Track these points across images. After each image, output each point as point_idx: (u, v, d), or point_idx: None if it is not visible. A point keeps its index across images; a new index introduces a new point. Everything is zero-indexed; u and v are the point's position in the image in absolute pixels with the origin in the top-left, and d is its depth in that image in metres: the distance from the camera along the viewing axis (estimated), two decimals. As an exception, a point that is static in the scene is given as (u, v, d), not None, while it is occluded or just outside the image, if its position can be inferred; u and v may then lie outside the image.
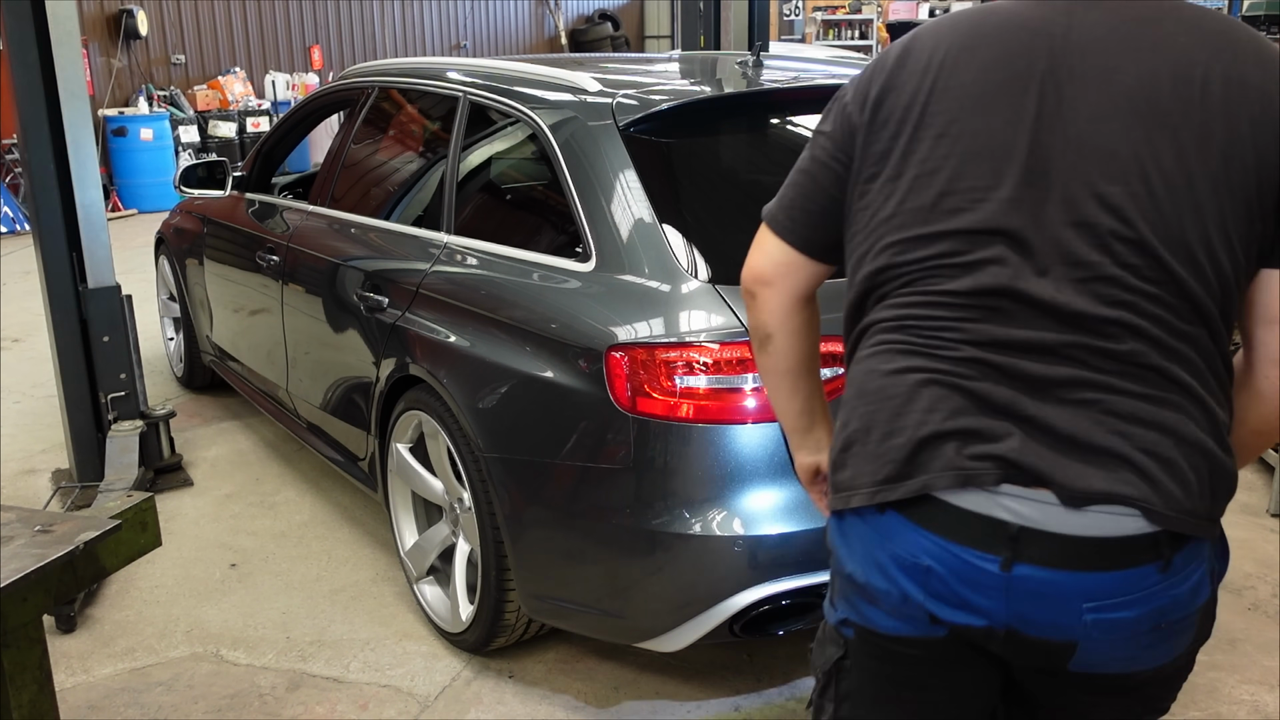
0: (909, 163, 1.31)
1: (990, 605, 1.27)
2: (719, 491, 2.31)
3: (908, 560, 1.30)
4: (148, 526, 1.85)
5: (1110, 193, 1.23)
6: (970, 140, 1.27)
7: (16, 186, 9.97)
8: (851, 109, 1.38)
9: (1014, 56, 1.27)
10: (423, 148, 3.56)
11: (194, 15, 12.32)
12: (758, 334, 1.56)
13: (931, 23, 1.38)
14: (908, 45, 1.36)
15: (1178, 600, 1.29)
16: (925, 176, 1.30)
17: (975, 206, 1.27)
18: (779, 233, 1.49)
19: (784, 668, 2.88)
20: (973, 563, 1.26)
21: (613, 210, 2.51)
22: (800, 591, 2.33)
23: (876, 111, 1.34)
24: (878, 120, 1.34)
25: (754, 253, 1.53)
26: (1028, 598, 1.26)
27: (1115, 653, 1.30)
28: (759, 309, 1.52)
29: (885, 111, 1.33)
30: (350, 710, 2.75)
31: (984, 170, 1.26)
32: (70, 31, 3.67)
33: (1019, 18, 1.30)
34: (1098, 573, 1.25)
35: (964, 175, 1.27)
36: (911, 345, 1.32)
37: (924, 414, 1.29)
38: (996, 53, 1.28)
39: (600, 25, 16.21)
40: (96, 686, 2.88)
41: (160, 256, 5.29)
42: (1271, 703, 2.76)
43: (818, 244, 1.47)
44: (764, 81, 3.00)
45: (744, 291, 1.55)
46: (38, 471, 4.33)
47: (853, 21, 15.77)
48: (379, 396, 3.10)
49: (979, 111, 1.27)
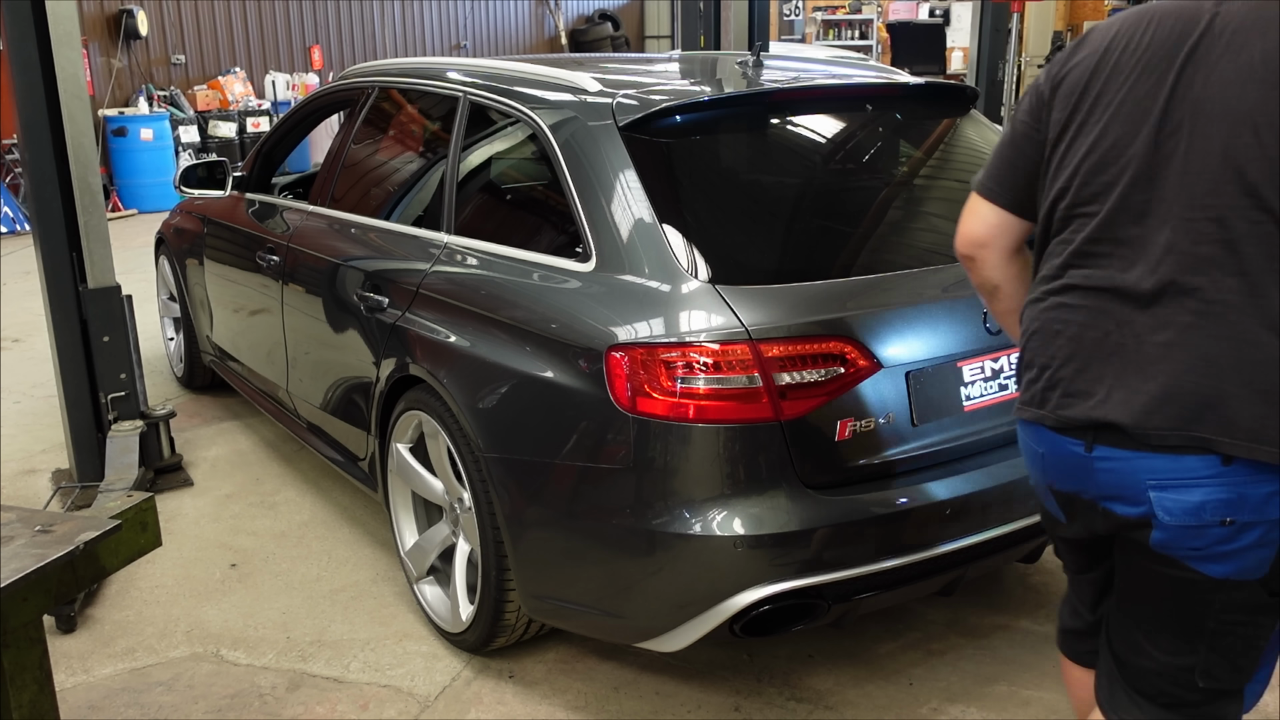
0: (1081, 129, 1.61)
1: (1080, 482, 1.63)
2: (719, 491, 2.31)
3: (1031, 449, 1.72)
4: (148, 526, 1.85)
5: (1229, 145, 1.47)
6: (1118, 107, 1.56)
7: (17, 186, 9.97)
8: (1043, 88, 1.69)
9: (1165, 41, 1.54)
10: (423, 148, 3.56)
11: (194, 15, 12.32)
12: (985, 288, 1.85)
13: (1106, 20, 1.70)
14: (1085, 35, 1.68)
15: (1246, 500, 1.50)
16: (1090, 138, 1.59)
17: (1115, 161, 1.56)
18: (990, 198, 1.76)
19: (784, 668, 2.88)
20: (1066, 448, 1.62)
21: (613, 210, 2.51)
22: (800, 591, 2.33)
23: (1058, 87, 1.66)
24: (1059, 94, 1.65)
25: (968, 219, 1.80)
26: (1104, 474, 1.59)
27: (1189, 542, 1.54)
28: (981, 268, 1.81)
29: (1065, 87, 1.65)
30: (350, 710, 2.75)
31: (1125, 131, 1.55)
32: (70, 31, 3.67)
33: (1175, 10, 1.56)
34: (1160, 454, 1.52)
35: (1107, 134, 1.58)
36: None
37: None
38: (1150, 37, 1.56)
39: (600, 25, 16.21)
40: (96, 686, 2.88)
41: (160, 256, 5.29)
42: (1272, 702, 2.76)
43: (1023, 203, 1.74)
44: (764, 81, 3.00)
45: (961, 257, 1.83)
46: (38, 471, 4.33)
47: (853, 21, 15.77)
48: (379, 396, 3.10)
49: (1131, 85, 1.56)
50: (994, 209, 1.75)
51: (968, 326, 2.51)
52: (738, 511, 2.30)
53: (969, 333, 2.51)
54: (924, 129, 3.08)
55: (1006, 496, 2.56)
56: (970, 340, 2.52)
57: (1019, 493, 2.58)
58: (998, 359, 2.58)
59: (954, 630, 3.05)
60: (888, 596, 2.57)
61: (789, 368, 2.28)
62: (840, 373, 2.32)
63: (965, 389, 2.53)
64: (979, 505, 2.51)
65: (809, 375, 2.29)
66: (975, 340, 2.52)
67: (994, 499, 2.54)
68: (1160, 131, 1.52)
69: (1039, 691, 2.79)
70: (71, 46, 3.67)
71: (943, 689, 2.80)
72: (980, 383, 2.56)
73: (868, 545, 2.39)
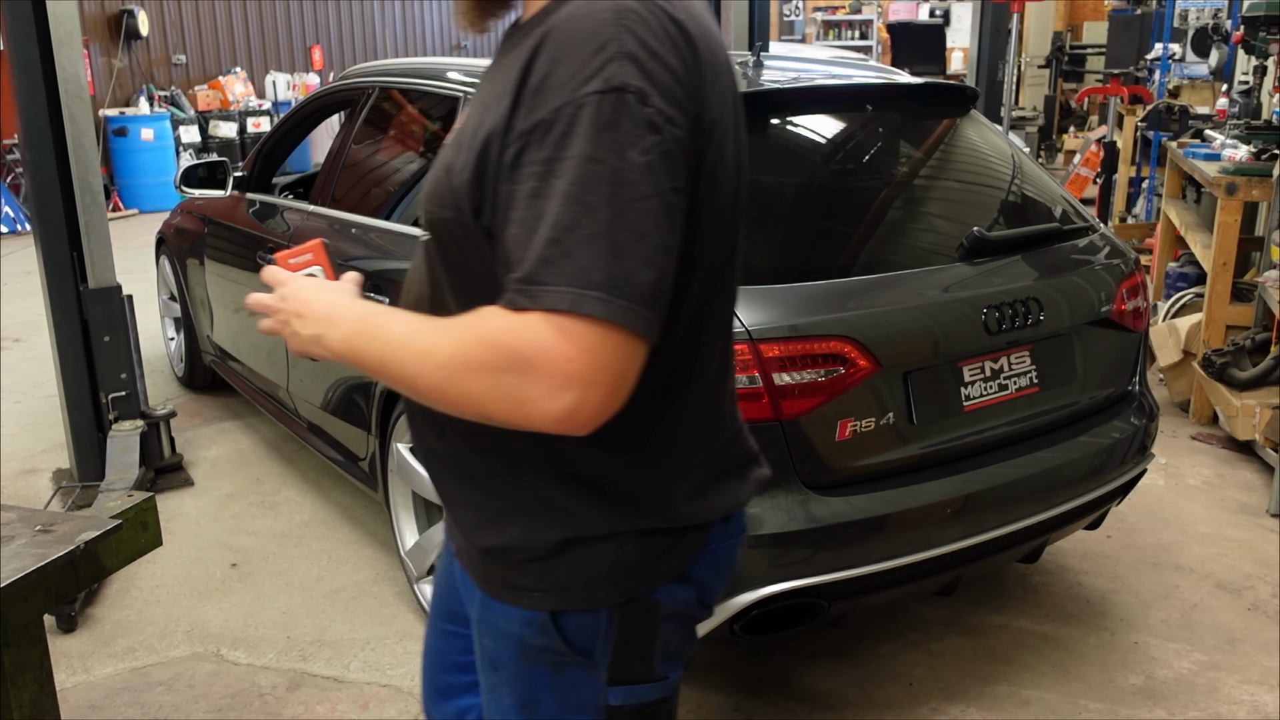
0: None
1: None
2: (719, 491, 2.30)
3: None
4: (148, 526, 1.85)
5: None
6: None
7: (17, 186, 9.97)
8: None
9: None
10: (423, 148, 3.56)
11: (195, 15, 12.32)
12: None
13: None
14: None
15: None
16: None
17: None
18: None
19: (784, 668, 2.88)
20: None
21: (613, 210, 2.50)
22: (800, 591, 2.33)
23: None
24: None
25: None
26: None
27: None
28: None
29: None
30: (350, 710, 2.75)
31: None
32: (71, 32, 3.67)
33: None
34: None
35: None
36: None
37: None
38: None
39: (601, 25, 16.19)
40: (97, 686, 2.88)
41: (161, 256, 5.29)
42: (1271, 703, 2.77)
43: None
44: (764, 81, 3.00)
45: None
46: (38, 471, 4.33)
47: (853, 22, 15.77)
48: (379, 396, 3.10)
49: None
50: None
51: (967, 326, 2.51)
52: (738, 511, 2.30)
53: (969, 333, 2.51)
54: (924, 129, 3.07)
55: (1006, 496, 2.56)
56: (970, 340, 2.52)
57: (1019, 493, 2.58)
58: (998, 359, 2.58)
59: (954, 630, 3.05)
60: (888, 596, 2.57)
61: (789, 368, 2.28)
62: (840, 373, 2.32)
63: (965, 389, 2.53)
64: (979, 505, 2.52)
65: (809, 375, 2.29)
66: (975, 340, 2.52)
67: (994, 499, 2.54)
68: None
69: (1039, 691, 2.79)
70: (72, 47, 3.67)
71: (943, 689, 2.80)
72: (980, 383, 2.56)
73: (868, 545, 2.39)
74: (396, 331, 1.15)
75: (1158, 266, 5.98)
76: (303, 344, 1.27)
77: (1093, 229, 2.98)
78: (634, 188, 1.03)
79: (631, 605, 1.28)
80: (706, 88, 1.13)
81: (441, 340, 1.10)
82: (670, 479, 1.26)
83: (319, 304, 1.25)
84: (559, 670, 1.30)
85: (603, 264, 1.02)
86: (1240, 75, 6.53)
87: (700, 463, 1.29)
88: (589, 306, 1.02)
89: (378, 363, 1.16)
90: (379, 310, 1.21)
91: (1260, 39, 5.31)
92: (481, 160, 1.13)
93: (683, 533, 1.28)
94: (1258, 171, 4.59)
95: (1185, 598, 3.25)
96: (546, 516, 1.25)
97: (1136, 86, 8.14)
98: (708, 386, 1.29)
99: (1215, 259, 4.59)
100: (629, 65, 1.05)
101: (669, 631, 1.33)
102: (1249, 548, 3.56)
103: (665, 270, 1.07)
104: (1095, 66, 12.54)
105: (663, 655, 1.34)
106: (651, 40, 1.07)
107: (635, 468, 1.24)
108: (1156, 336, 4.93)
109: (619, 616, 1.28)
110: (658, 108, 1.05)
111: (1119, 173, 7.73)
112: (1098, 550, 3.51)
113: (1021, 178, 3.01)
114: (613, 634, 1.28)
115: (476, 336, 1.07)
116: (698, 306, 1.21)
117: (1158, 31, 8.49)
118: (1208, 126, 6.16)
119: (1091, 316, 2.77)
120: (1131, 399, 2.94)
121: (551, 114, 1.05)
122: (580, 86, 1.04)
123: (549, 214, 1.04)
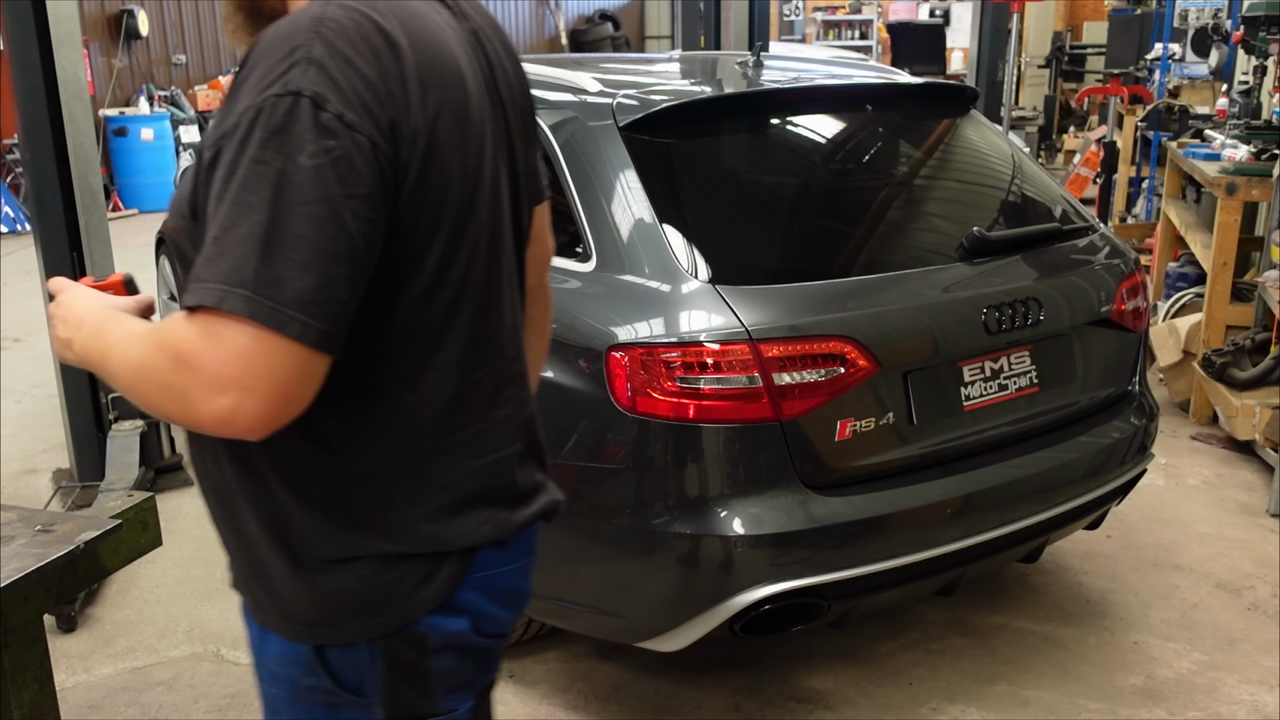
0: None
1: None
2: (719, 491, 2.31)
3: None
4: (148, 526, 1.85)
5: None
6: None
7: (17, 186, 9.96)
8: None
9: None
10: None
11: (195, 15, 12.32)
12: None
13: None
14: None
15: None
16: None
17: None
18: None
19: (784, 668, 2.88)
20: None
21: (613, 210, 2.51)
22: (800, 591, 2.33)
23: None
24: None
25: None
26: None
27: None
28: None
29: None
30: (350, 710, 2.75)
31: None
32: (71, 32, 3.67)
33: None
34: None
35: None
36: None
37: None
38: None
39: (600, 25, 16.21)
40: (97, 686, 2.88)
41: (161, 256, 5.28)
42: (1271, 703, 2.77)
43: None
44: (764, 81, 3.00)
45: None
46: (38, 471, 4.33)
47: (853, 22, 15.76)
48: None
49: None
50: None
51: (967, 326, 2.51)
52: (738, 511, 2.30)
53: (969, 333, 2.51)
54: (924, 129, 3.07)
55: (1006, 496, 2.56)
56: (970, 340, 2.52)
57: (1019, 493, 2.58)
58: (997, 359, 2.58)
59: (954, 630, 3.05)
60: (888, 596, 2.57)
61: (789, 368, 2.28)
62: (840, 373, 2.32)
63: (965, 389, 2.53)
64: (979, 505, 2.52)
65: (809, 375, 2.29)
66: (975, 340, 2.52)
67: (994, 499, 2.54)
68: None
69: (1039, 691, 2.79)
70: (72, 47, 3.67)
71: (943, 689, 2.80)
72: (980, 383, 2.56)
73: (868, 545, 2.39)
74: (114, 337, 1.18)
75: (1158, 266, 5.98)
76: (59, 347, 1.28)
77: (1093, 229, 2.98)
78: (298, 191, 1.03)
79: (395, 639, 1.24)
80: (410, 97, 1.11)
81: (136, 344, 1.12)
82: (410, 500, 1.23)
83: (75, 309, 1.26)
84: (334, 711, 1.28)
85: (254, 263, 1.02)
86: (1240, 75, 6.53)
87: (447, 485, 1.25)
88: (232, 303, 1.01)
89: (101, 366, 1.19)
90: (116, 317, 1.22)
91: (1260, 39, 5.31)
92: (196, 167, 1.15)
93: (439, 559, 1.24)
94: (1258, 171, 4.59)
95: (1185, 598, 3.25)
96: (285, 538, 1.23)
97: (1136, 86, 8.13)
98: (464, 406, 1.25)
99: (1215, 259, 4.59)
100: (311, 70, 1.05)
101: (446, 663, 1.29)
102: (1249, 548, 3.56)
103: (332, 277, 1.04)
104: (1095, 66, 12.54)
105: (444, 687, 1.30)
106: (345, 47, 1.07)
107: (365, 486, 1.22)
108: (1156, 336, 4.93)
109: (383, 652, 1.25)
110: (336, 113, 1.05)
111: (1119, 173, 7.73)
112: (1098, 550, 3.51)
113: (1021, 178, 3.01)
114: (378, 669, 1.25)
115: (156, 339, 1.09)
116: (435, 321, 1.19)
117: (1158, 31, 8.49)
118: (1208, 126, 6.15)
119: (1091, 316, 2.77)
120: (1131, 399, 2.94)
121: (237, 119, 1.06)
122: (262, 91, 1.05)
123: (219, 215, 1.05)
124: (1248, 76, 6.07)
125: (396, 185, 1.11)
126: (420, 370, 1.20)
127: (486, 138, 1.24)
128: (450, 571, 1.25)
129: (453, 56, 1.20)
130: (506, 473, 1.31)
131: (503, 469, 1.31)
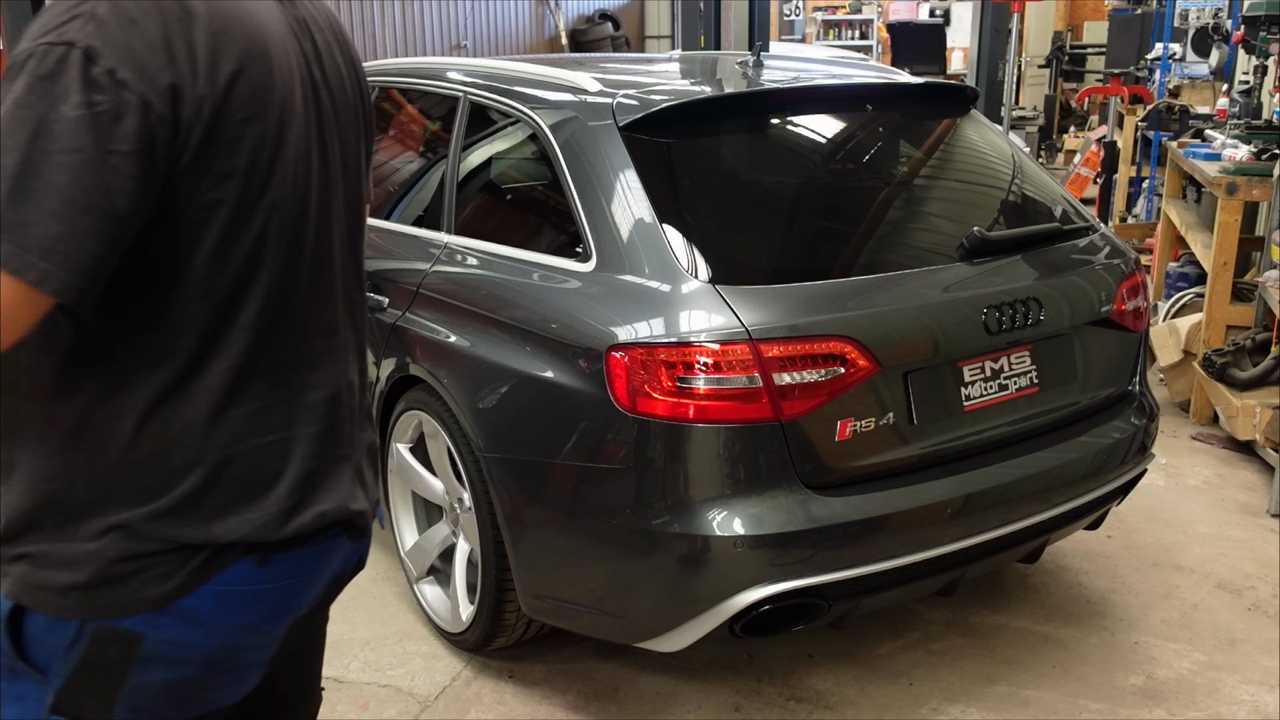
0: None
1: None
2: (719, 492, 2.31)
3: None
4: None
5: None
6: None
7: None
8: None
9: None
10: (423, 148, 3.56)
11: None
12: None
13: None
14: None
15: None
16: None
17: None
18: None
19: (784, 668, 2.88)
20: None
21: (613, 210, 2.51)
22: (800, 591, 2.33)
23: None
24: None
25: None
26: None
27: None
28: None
29: None
30: (350, 710, 2.75)
31: None
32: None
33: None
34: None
35: None
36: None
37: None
38: None
39: (600, 25, 16.20)
40: None
41: None
42: (1271, 703, 2.76)
43: None
44: (764, 81, 3.00)
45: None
46: None
47: (853, 22, 15.77)
48: (379, 396, 3.10)
49: None
50: None
51: (968, 326, 2.51)
52: (738, 511, 2.30)
53: (969, 333, 2.51)
54: (924, 129, 3.07)
55: (1006, 496, 2.56)
56: (970, 340, 2.52)
57: (1019, 493, 2.58)
58: (998, 359, 2.58)
59: (954, 630, 3.05)
60: (888, 596, 2.57)
61: (789, 368, 2.28)
62: (840, 373, 2.32)
63: (965, 389, 2.53)
64: (979, 505, 2.51)
65: (809, 375, 2.29)
66: (975, 340, 2.52)
67: (994, 499, 2.54)
68: None
69: (1039, 691, 2.79)
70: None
71: (943, 689, 2.80)
72: (980, 383, 2.56)
73: (868, 545, 2.39)
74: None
75: (1158, 266, 5.98)
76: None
77: (1093, 229, 2.98)
78: (57, 140, 1.03)
79: (105, 630, 1.19)
80: (198, 64, 1.12)
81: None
82: (153, 487, 1.19)
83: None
84: (14, 676, 1.23)
85: (2, 204, 1.02)
86: (1240, 75, 6.53)
87: (219, 462, 1.21)
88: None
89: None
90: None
91: (1260, 38, 5.31)
92: None
93: (186, 554, 1.19)
94: (1258, 171, 4.59)
95: (1185, 598, 3.25)
96: (51, 497, 1.20)
97: (1137, 86, 8.14)
98: (248, 383, 1.23)
99: (1215, 259, 4.59)
100: (90, 25, 1.06)
101: (147, 679, 1.22)
102: (1249, 548, 3.56)
103: (83, 230, 1.04)
104: (1095, 66, 12.55)
105: (130, 708, 1.23)
106: (131, 8, 1.09)
107: (128, 454, 1.19)
108: (1157, 336, 4.93)
109: (89, 640, 1.19)
110: (107, 69, 1.05)
111: (1119, 173, 7.73)
112: (1098, 550, 3.51)
113: (1021, 178, 3.01)
114: (74, 656, 1.20)
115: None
116: (222, 292, 1.18)
117: (1158, 31, 8.50)
118: (1208, 126, 6.16)
119: (1092, 316, 2.77)
120: (1132, 399, 2.93)
121: (13, 61, 1.08)
122: (38, 38, 1.07)
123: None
124: (1248, 76, 6.07)
125: (174, 149, 1.11)
126: (204, 340, 1.19)
127: (295, 117, 1.23)
128: (196, 566, 1.21)
129: (260, 31, 1.20)
130: (282, 458, 1.27)
131: (279, 454, 1.27)
